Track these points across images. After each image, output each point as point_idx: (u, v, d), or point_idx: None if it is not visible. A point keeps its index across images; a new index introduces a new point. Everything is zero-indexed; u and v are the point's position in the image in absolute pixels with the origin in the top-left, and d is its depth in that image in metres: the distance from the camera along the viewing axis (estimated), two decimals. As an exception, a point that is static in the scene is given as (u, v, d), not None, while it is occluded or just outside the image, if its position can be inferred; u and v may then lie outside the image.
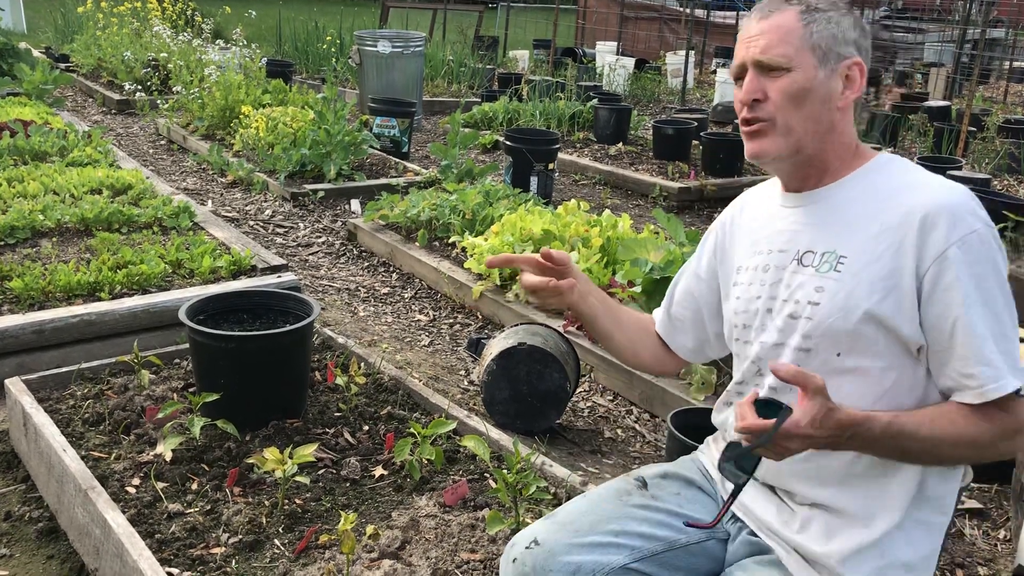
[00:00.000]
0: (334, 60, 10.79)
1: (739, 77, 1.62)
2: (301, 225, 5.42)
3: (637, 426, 3.31)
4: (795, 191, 1.65)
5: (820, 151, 1.60)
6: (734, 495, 1.50)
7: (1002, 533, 2.69)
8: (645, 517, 1.65)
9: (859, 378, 1.52)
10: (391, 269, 4.82)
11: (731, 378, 1.79)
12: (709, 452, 1.85)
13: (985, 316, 1.47)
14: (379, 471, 2.48)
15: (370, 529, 2.03)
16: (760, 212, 1.74)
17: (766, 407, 1.43)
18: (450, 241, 4.71)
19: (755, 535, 1.64)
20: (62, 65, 10.29)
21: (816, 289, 1.56)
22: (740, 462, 1.46)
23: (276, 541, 2.17)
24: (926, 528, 1.56)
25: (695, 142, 7.47)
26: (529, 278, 1.72)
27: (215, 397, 2.49)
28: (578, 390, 3.50)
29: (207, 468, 2.45)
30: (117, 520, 2.13)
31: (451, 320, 4.19)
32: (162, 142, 7.54)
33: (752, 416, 1.41)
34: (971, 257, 1.46)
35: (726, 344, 1.83)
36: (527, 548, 1.59)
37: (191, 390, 2.79)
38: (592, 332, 1.90)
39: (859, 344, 1.51)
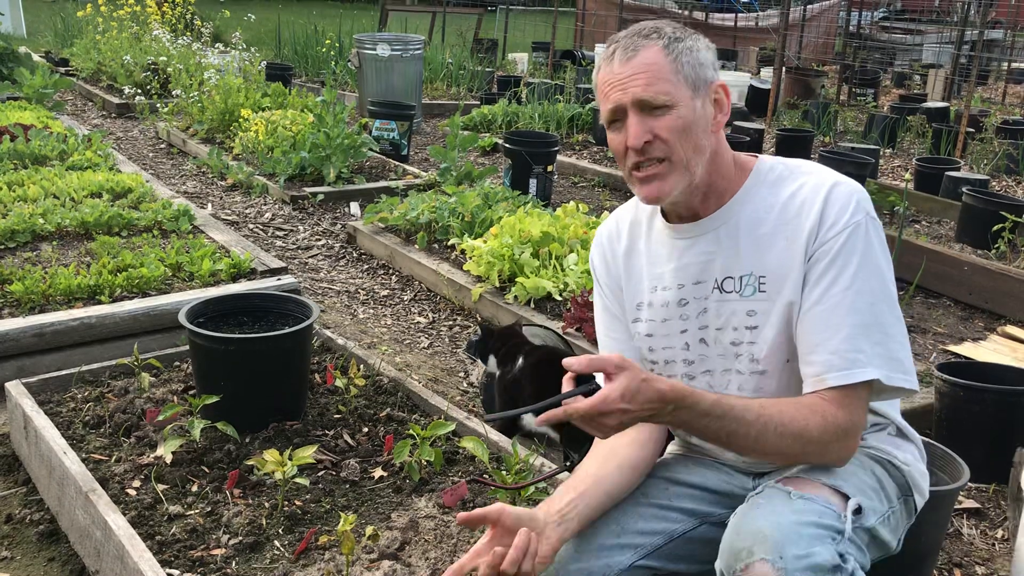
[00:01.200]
0: (333, 63, 10.81)
1: (614, 121, 1.56)
2: (301, 228, 5.43)
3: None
4: (689, 220, 1.64)
5: (708, 177, 1.60)
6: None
7: (1000, 533, 2.70)
8: (640, 513, 1.69)
9: None
10: (390, 271, 4.84)
11: None
12: (680, 444, 1.89)
13: (852, 305, 1.49)
14: (378, 472, 2.49)
15: (369, 530, 2.04)
16: (652, 247, 1.70)
17: (581, 383, 1.48)
18: (449, 243, 4.72)
19: None
20: (62, 69, 10.32)
21: (748, 313, 1.58)
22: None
23: (276, 542, 2.18)
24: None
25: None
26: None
27: (215, 399, 2.50)
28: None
29: (207, 470, 2.46)
30: (118, 522, 2.14)
31: (450, 322, 4.20)
32: (162, 146, 7.55)
33: (570, 385, 1.48)
34: (848, 247, 1.50)
35: None
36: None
37: (191, 392, 2.80)
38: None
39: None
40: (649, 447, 1.73)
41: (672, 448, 1.91)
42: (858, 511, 1.47)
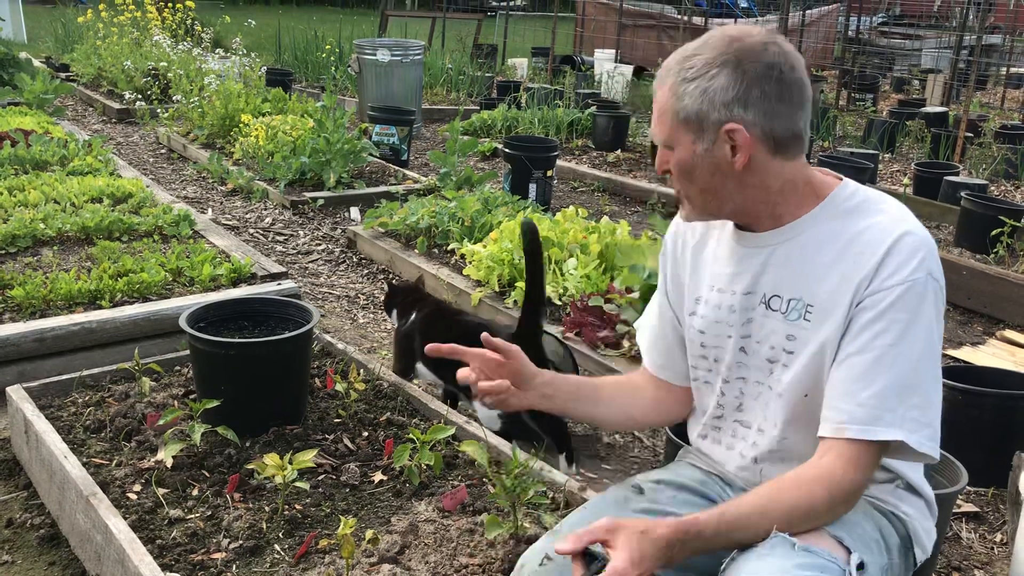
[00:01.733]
0: (333, 69, 10.83)
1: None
2: (301, 233, 5.44)
3: (635, 431, 3.32)
4: (750, 232, 1.61)
5: (745, 209, 1.56)
6: None
7: (999, 536, 2.71)
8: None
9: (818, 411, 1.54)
10: (391, 276, 4.84)
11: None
12: (698, 453, 1.85)
13: (893, 362, 1.44)
14: (378, 476, 2.49)
15: (369, 534, 2.05)
16: (720, 246, 1.68)
17: (592, 558, 1.44)
18: (449, 248, 4.73)
19: None
20: (62, 75, 10.32)
21: (788, 337, 1.56)
22: None
23: (276, 546, 2.18)
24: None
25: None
26: (483, 384, 1.64)
27: (215, 404, 2.51)
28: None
29: (208, 474, 2.47)
30: (118, 526, 2.14)
31: (450, 327, 4.21)
32: (162, 151, 7.56)
33: (580, 570, 1.42)
34: (901, 303, 1.44)
35: None
36: (540, 565, 1.60)
37: (192, 397, 2.81)
38: (573, 419, 1.87)
39: (822, 384, 1.53)
40: (657, 411, 1.85)
41: (682, 454, 1.90)
42: (861, 566, 1.45)
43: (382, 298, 3.64)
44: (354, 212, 5.84)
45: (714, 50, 1.49)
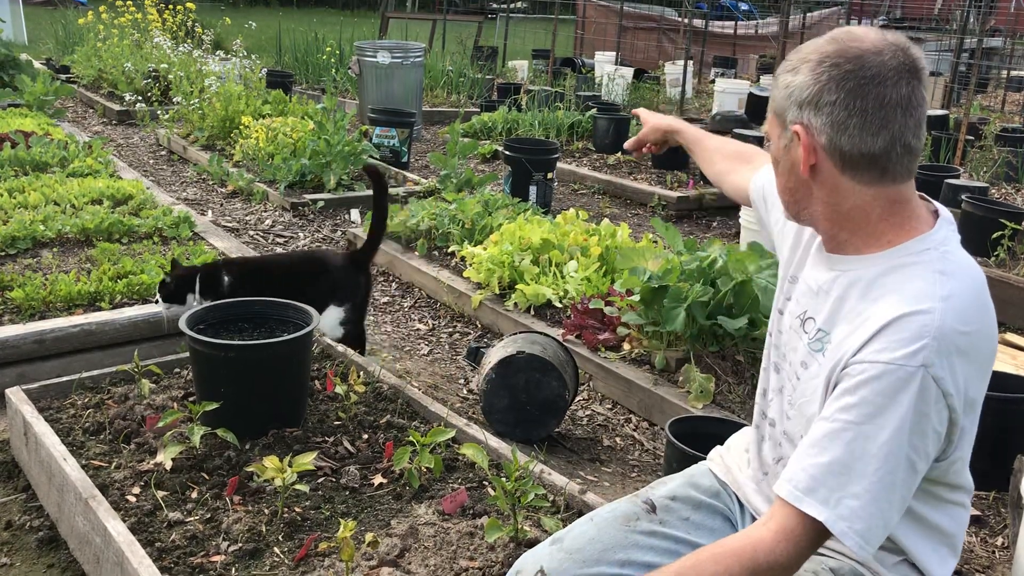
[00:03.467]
0: (334, 71, 10.83)
1: None
2: (301, 235, 5.44)
3: (636, 434, 3.32)
4: (827, 252, 1.53)
5: (814, 221, 1.49)
6: None
7: (1000, 540, 2.70)
8: (652, 545, 1.63)
9: None
10: (390, 278, 4.84)
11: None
12: (720, 462, 1.83)
13: (848, 442, 1.33)
14: (378, 479, 2.49)
15: (369, 537, 2.04)
16: (813, 245, 1.60)
17: None
18: (449, 250, 4.73)
19: None
20: (63, 76, 10.33)
21: (802, 364, 1.52)
22: None
23: (276, 549, 2.18)
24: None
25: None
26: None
27: (215, 406, 2.50)
28: (577, 399, 3.51)
29: (207, 477, 2.46)
30: (117, 528, 2.14)
31: (450, 329, 4.21)
32: (162, 152, 7.56)
33: None
34: (879, 384, 1.32)
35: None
36: None
37: (191, 399, 2.80)
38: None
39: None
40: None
41: (714, 458, 1.86)
42: None
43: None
44: (354, 214, 5.84)
45: (816, 45, 1.41)
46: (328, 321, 3.31)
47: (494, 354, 3.18)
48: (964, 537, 1.59)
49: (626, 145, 2.32)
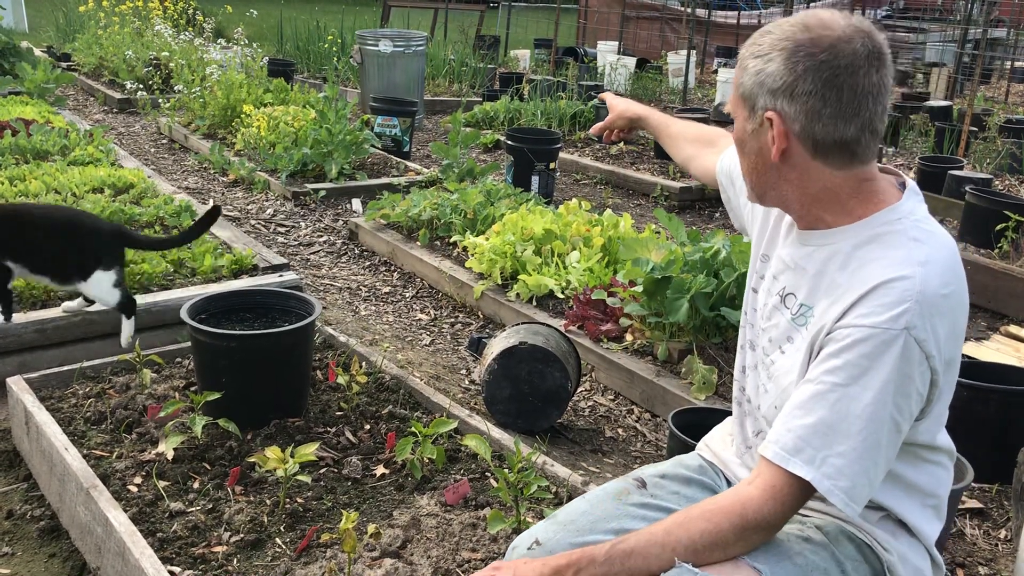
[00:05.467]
0: (335, 59, 10.79)
1: None
2: (302, 224, 5.42)
3: (638, 425, 3.32)
4: (800, 228, 1.56)
5: (784, 202, 1.52)
6: None
7: (1003, 533, 2.69)
8: (644, 516, 1.66)
9: None
10: (392, 268, 4.83)
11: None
12: (707, 448, 1.88)
13: (833, 403, 1.37)
14: (380, 470, 2.48)
15: (371, 528, 2.03)
16: (781, 224, 1.64)
17: None
18: (451, 240, 4.71)
19: None
20: (64, 64, 10.30)
21: (788, 339, 1.54)
22: None
23: (278, 540, 2.17)
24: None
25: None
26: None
27: (217, 396, 2.50)
28: (579, 389, 3.51)
29: (209, 467, 2.45)
30: (119, 519, 2.13)
31: (452, 319, 4.20)
32: (163, 141, 7.54)
33: None
34: (863, 347, 1.36)
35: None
36: (529, 549, 1.62)
37: (193, 389, 2.80)
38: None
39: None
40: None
41: (701, 446, 1.91)
42: None
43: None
44: (356, 204, 5.82)
45: (786, 31, 1.41)
46: (102, 286, 3.18)
47: (496, 344, 3.17)
48: (946, 500, 1.62)
49: (592, 130, 2.31)
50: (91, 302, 3.31)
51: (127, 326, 3.28)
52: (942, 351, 1.39)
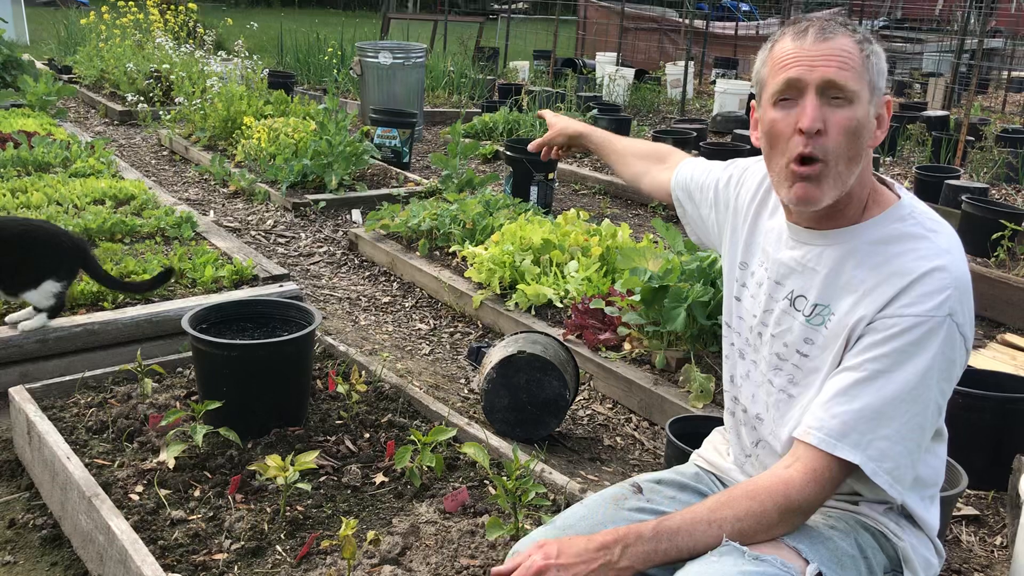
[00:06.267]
0: (335, 71, 10.84)
1: (784, 99, 1.47)
2: (303, 235, 5.45)
3: (636, 434, 3.33)
4: (804, 227, 1.58)
5: (846, 195, 1.52)
6: None
7: (999, 539, 2.71)
8: (640, 520, 1.67)
9: None
10: (392, 278, 4.85)
11: None
12: (702, 459, 1.90)
13: (880, 389, 1.41)
14: (380, 478, 2.50)
15: (371, 535, 2.05)
16: (773, 226, 1.67)
17: None
18: (451, 251, 4.74)
19: None
20: (65, 77, 10.35)
21: (806, 340, 1.55)
22: None
23: (278, 547, 2.19)
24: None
25: (694, 152, 7.51)
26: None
27: (217, 405, 2.52)
28: (577, 398, 3.53)
29: (209, 475, 2.47)
30: (120, 527, 2.15)
31: (451, 329, 4.22)
32: (164, 153, 7.58)
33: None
34: (909, 335, 1.41)
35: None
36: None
37: (194, 398, 2.82)
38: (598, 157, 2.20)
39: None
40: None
41: (694, 458, 1.92)
42: None
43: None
44: (356, 214, 5.85)
45: (850, 24, 1.50)
46: (43, 292, 3.23)
47: (495, 354, 3.19)
48: (940, 487, 1.67)
49: (530, 147, 2.31)
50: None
51: (40, 319, 3.28)
52: (970, 330, 1.48)
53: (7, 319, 3.31)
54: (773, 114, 1.48)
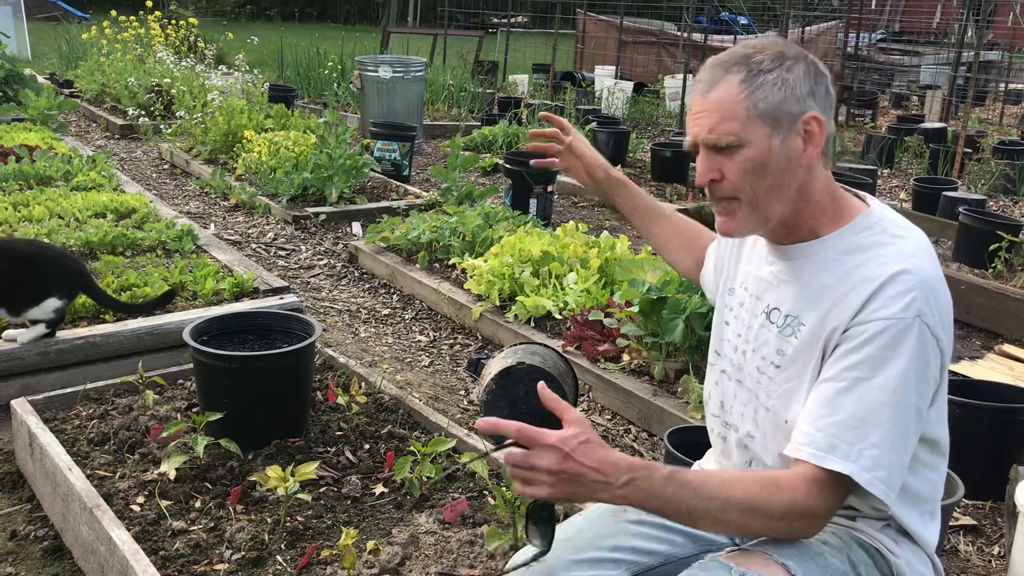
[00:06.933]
0: (336, 85, 10.89)
1: (695, 152, 1.56)
2: (303, 248, 5.47)
3: (635, 444, 3.34)
4: (775, 243, 1.61)
5: (791, 215, 1.54)
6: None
7: (996, 549, 2.72)
8: (640, 532, 1.68)
9: None
10: (392, 291, 4.87)
11: None
12: (707, 465, 1.90)
13: (860, 396, 1.42)
14: (379, 488, 2.51)
15: (370, 545, 2.07)
16: (755, 249, 1.70)
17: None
18: (450, 263, 4.76)
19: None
20: (66, 91, 10.39)
21: (778, 352, 1.56)
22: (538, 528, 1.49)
23: (278, 557, 2.20)
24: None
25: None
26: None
27: (218, 416, 2.54)
28: (576, 409, 3.53)
29: (210, 486, 2.49)
30: (122, 537, 2.16)
31: (451, 341, 4.23)
32: (165, 166, 7.61)
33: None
34: (881, 339, 1.41)
35: None
36: (527, 567, 1.63)
37: (195, 410, 2.83)
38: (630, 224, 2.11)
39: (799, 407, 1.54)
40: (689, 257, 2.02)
41: (696, 468, 1.93)
42: None
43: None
44: (356, 227, 5.88)
45: (775, 47, 1.51)
46: (46, 308, 3.28)
47: (494, 365, 3.20)
48: (940, 502, 1.65)
49: (529, 138, 2.12)
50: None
51: (39, 330, 3.30)
52: (944, 334, 1.47)
53: (5, 334, 3.33)
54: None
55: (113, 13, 10.82)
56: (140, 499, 2.42)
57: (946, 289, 1.50)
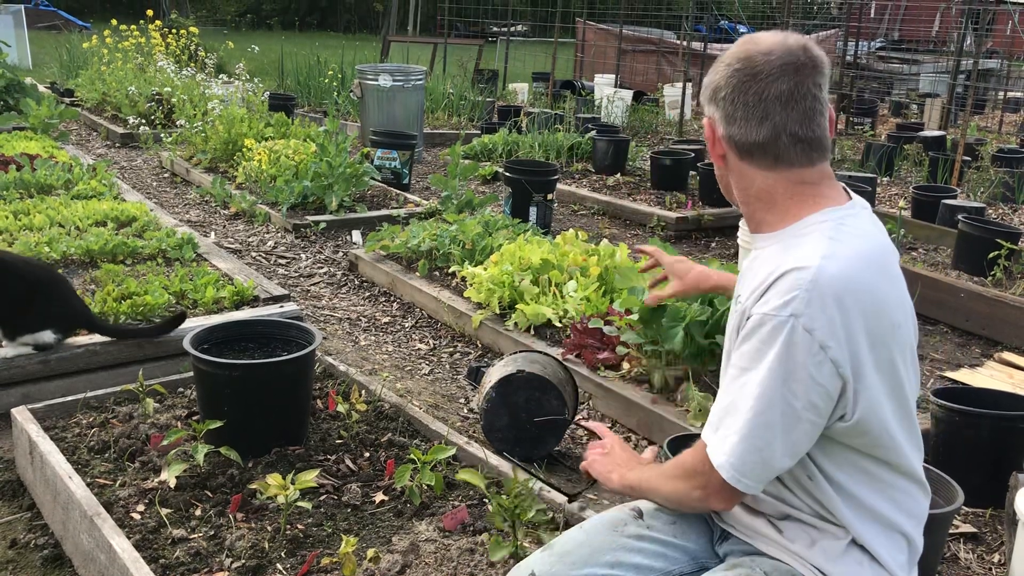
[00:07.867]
0: (336, 93, 10.92)
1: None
2: (303, 256, 5.48)
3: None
4: (750, 231, 1.69)
5: (744, 208, 1.64)
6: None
7: (996, 557, 2.72)
8: (640, 548, 1.68)
9: None
10: (392, 299, 4.88)
11: None
12: None
13: (732, 381, 1.50)
14: (380, 496, 2.51)
15: (371, 553, 2.07)
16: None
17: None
18: (450, 271, 4.77)
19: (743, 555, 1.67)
20: (67, 100, 10.41)
21: (730, 338, 1.61)
22: None
23: (279, 565, 2.20)
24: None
25: (692, 172, 7.55)
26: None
27: (218, 424, 2.54)
28: (576, 417, 3.53)
29: (211, 494, 2.49)
30: (122, 545, 2.16)
31: (451, 349, 4.24)
32: (165, 175, 7.62)
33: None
34: (757, 333, 1.45)
35: None
36: None
37: (195, 418, 2.83)
38: None
39: None
40: None
41: None
42: None
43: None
44: (356, 235, 5.89)
45: (730, 51, 1.57)
46: (44, 338, 3.31)
47: (494, 373, 3.21)
48: (920, 535, 1.60)
49: (647, 301, 2.65)
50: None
51: (25, 350, 3.31)
52: (843, 344, 1.42)
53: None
54: None
55: (114, 22, 10.86)
56: (140, 507, 2.42)
57: (866, 305, 1.44)
